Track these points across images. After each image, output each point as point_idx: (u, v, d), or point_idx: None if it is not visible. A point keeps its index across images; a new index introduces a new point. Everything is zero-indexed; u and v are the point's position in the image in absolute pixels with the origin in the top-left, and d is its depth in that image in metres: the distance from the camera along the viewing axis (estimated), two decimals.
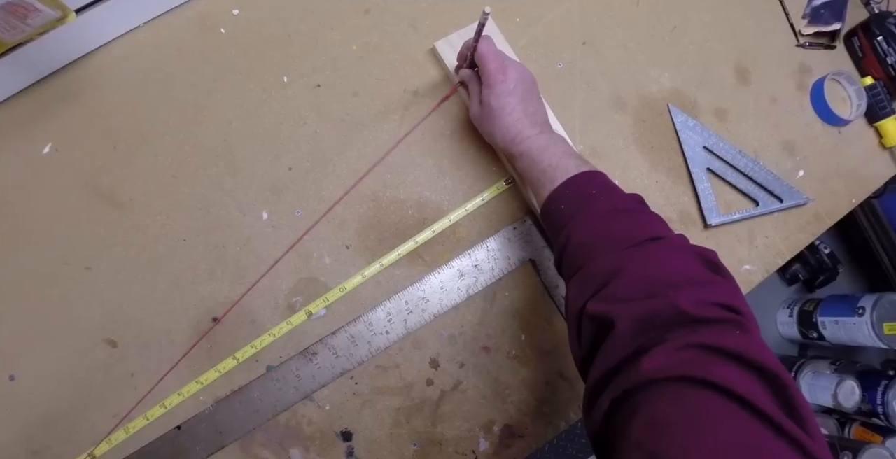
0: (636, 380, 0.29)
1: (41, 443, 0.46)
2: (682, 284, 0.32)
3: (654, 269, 0.33)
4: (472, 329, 0.50)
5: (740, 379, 0.27)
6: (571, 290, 0.36)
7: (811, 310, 1.07)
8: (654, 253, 0.34)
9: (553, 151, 0.42)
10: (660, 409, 0.27)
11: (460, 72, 0.49)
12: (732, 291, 0.33)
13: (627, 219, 0.38)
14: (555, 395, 0.50)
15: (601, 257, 0.35)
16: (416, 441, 0.48)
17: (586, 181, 0.40)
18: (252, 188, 0.51)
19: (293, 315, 0.49)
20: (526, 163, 0.43)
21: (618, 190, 0.41)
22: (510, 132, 0.44)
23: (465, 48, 0.46)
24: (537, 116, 0.45)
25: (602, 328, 0.33)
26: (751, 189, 0.54)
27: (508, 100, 0.43)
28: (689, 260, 0.34)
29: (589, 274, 0.35)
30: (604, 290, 0.34)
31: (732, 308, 0.31)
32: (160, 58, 0.52)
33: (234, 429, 0.48)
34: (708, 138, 0.54)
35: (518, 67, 0.45)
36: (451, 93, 0.50)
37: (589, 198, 0.39)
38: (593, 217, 0.38)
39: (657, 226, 0.37)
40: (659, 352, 0.29)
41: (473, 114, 0.47)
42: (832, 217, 0.56)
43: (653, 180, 0.54)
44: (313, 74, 0.53)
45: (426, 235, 0.51)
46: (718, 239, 0.54)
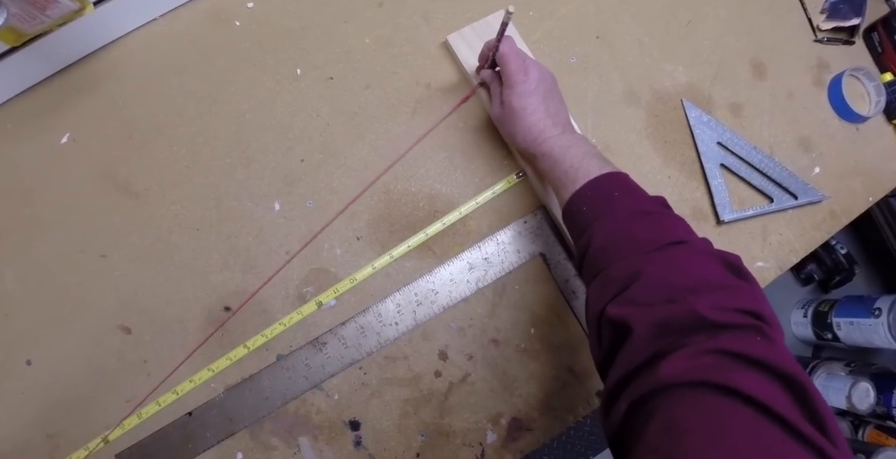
0: (654, 385, 0.29)
1: (56, 427, 0.47)
2: (703, 289, 0.31)
3: (674, 273, 0.33)
4: (482, 321, 0.50)
5: (759, 385, 0.27)
6: (592, 293, 0.36)
7: (826, 311, 1.05)
8: (675, 257, 0.34)
9: (575, 152, 0.42)
10: (677, 414, 0.27)
11: (481, 72, 0.49)
12: (755, 296, 0.32)
13: (650, 222, 0.37)
14: (563, 389, 0.50)
15: (622, 260, 0.35)
16: (424, 431, 0.49)
17: (609, 182, 0.40)
18: (265, 179, 0.52)
19: (304, 305, 0.50)
20: (548, 163, 0.43)
21: (641, 191, 0.40)
22: (532, 132, 0.44)
23: (486, 48, 0.46)
24: (559, 116, 0.44)
25: (621, 331, 0.33)
26: (765, 185, 0.54)
27: (530, 100, 0.43)
28: (710, 264, 0.33)
29: (609, 277, 0.35)
30: (623, 294, 0.33)
31: (754, 313, 0.31)
32: (175, 50, 0.53)
33: (243, 417, 0.48)
34: (722, 134, 0.54)
35: (539, 67, 0.45)
36: (470, 93, 0.50)
37: (611, 199, 0.39)
38: (615, 219, 0.38)
39: (680, 230, 0.37)
40: (678, 357, 0.29)
41: (494, 115, 0.47)
42: (848, 215, 0.56)
43: (665, 175, 0.54)
44: (326, 67, 0.54)
45: (436, 227, 0.51)
46: (731, 236, 0.54)
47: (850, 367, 1.02)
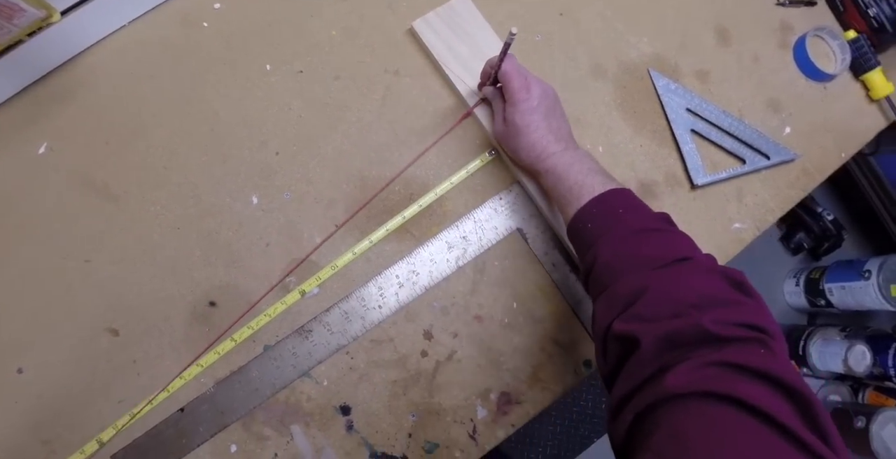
0: (660, 395, 0.29)
1: (50, 432, 0.47)
2: (707, 305, 0.32)
3: (679, 290, 0.33)
4: (464, 299, 0.50)
5: (763, 395, 0.27)
6: (598, 309, 0.36)
7: (817, 278, 1.05)
8: (680, 274, 0.34)
9: (579, 168, 0.42)
10: (682, 423, 0.27)
11: (483, 89, 0.49)
12: (759, 311, 0.32)
13: (654, 240, 0.37)
14: (550, 361, 0.50)
15: (627, 276, 0.35)
16: (415, 411, 0.48)
17: (613, 199, 0.40)
18: (241, 174, 0.51)
19: (287, 294, 0.49)
20: (551, 179, 0.43)
21: (645, 208, 0.40)
22: (535, 149, 0.44)
23: (488, 66, 0.46)
24: (561, 132, 0.44)
25: (627, 346, 0.33)
26: (736, 148, 0.53)
27: (533, 117, 0.43)
28: (715, 280, 0.34)
29: (615, 294, 0.35)
30: (629, 310, 0.34)
31: (758, 327, 0.31)
32: (147, 54, 0.52)
33: (235, 409, 0.48)
34: (690, 100, 0.54)
35: (541, 84, 0.45)
36: (471, 109, 0.50)
37: (616, 216, 0.39)
38: (620, 236, 0.38)
39: (684, 247, 0.37)
40: (683, 369, 0.29)
41: (497, 132, 0.47)
42: (822, 172, 0.55)
43: (637, 144, 0.54)
44: (295, 61, 0.54)
45: (413, 210, 0.51)
46: (707, 200, 0.54)
47: (846, 332, 1.02)
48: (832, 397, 1.00)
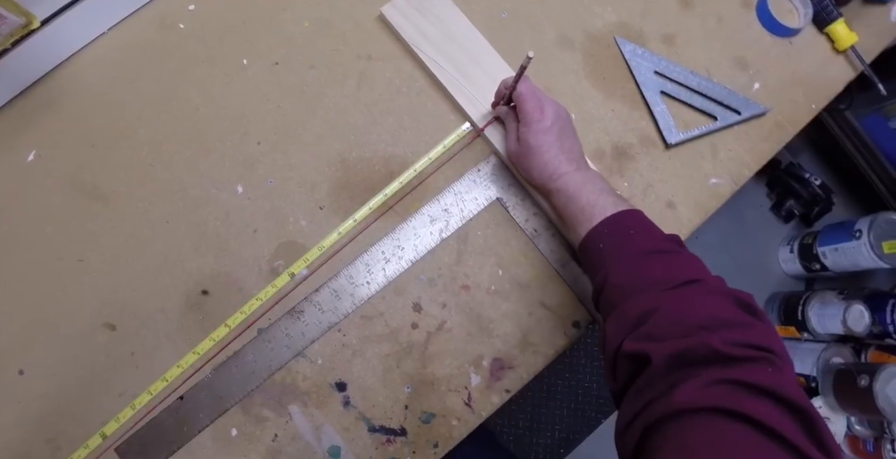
0: (668, 410, 0.29)
1: (54, 430, 0.47)
2: (716, 326, 0.32)
3: (688, 311, 0.33)
4: (450, 270, 0.50)
5: (771, 413, 0.27)
6: (609, 328, 0.37)
7: (811, 243, 1.04)
8: (689, 296, 0.35)
9: (591, 189, 0.42)
10: (690, 438, 0.28)
11: (497, 108, 0.49)
12: (767, 333, 0.33)
13: (664, 261, 0.38)
14: (539, 325, 0.50)
15: (638, 297, 0.36)
16: (409, 383, 0.48)
17: (624, 220, 0.40)
18: (225, 166, 0.52)
19: (277, 278, 0.49)
20: (562, 199, 0.43)
21: (655, 229, 0.41)
22: (547, 169, 0.44)
23: (503, 87, 0.47)
24: (573, 153, 0.45)
25: (637, 365, 0.33)
26: (707, 105, 0.53)
27: (546, 138, 0.44)
28: (724, 302, 0.34)
29: (626, 313, 0.36)
30: (640, 329, 0.34)
31: (765, 348, 0.31)
32: (127, 59, 0.53)
33: (233, 393, 0.48)
34: (658, 63, 0.54)
35: (555, 105, 0.45)
36: (485, 125, 0.50)
37: (627, 237, 0.39)
38: (631, 257, 0.38)
39: (694, 269, 0.37)
40: (692, 385, 0.29)
41: (510, 151, 0.47)
42: (794, 124, 0.55)
43: (609, 109, 0.54)
44: (270, 54, 0.54)
45: (394, 187, 0.51)
46: (682, 158, 0.53)
47: (843, 294, 1.00)
48: (835, 359, 0.99)
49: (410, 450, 0.47)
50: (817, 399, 0.97)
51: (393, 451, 0.47)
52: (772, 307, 1.09)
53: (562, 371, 1.07)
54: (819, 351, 1.00)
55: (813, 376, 0.99)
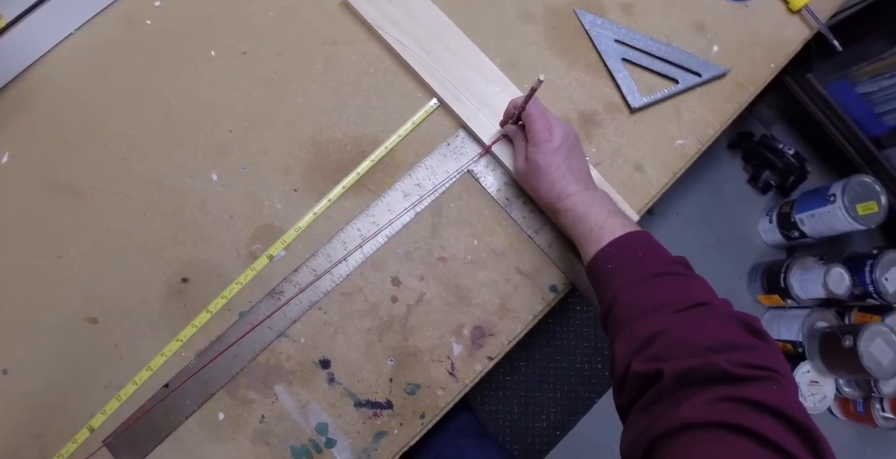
0: (675, 424, 0.29)
1: (41, 427, 0.46)
2: (723, 348, 0.32)
3: (696, 334, 0.34)
4: (426, 242, 0.50)
5: (774, 429, 0.28)
6: (618, 348, 0.37)
7: (788, 211, 1.04)
8: (697, 318, 0.35)
9: (599, 209, 0.42)
10: (695, 451, 0.28)
11: (505, 127, 0.49)
12: (771, 354, 0.33)
13: (673, 284, 0.38)
14: (516, 291, 0.49)
15: (647, 318, 0.36)
16: (392, 356, 0.48)
17: (632, 242, 0.41)
18: (198, 155, 0.51)
19: (255, 261, 0.49)
20: (570, 219, 0.43)
21: (663, 251, 0.41)
22: (555, 188, 0.44)
23: (512, 106, 0.47)
24: (581, 173, 0.45)
25: (646, 384, 0.34)
26: (668, 69, 0.54)
27: (554, 158, 0.44)
28: (730, 325, 0.35)
29: (634, 334, 0.36)
30: (648, 351, 0.34)
31: (770, 369, 0.32)
32: (96, 57, 0.53)
33: (218, 378, 0.47)
34: (618, 32, 0.54)
35: (563, 126, 0.45)
36: (492, 143, 0.50)
37: (635, 259, 0.39)
38: (640, 279, 0.38)
39: (701, 291, 0.38)
40: (698, 401, 0.30)
41: (518, 170, 0.47)
42: (755, 83, 0.55)
43: (572, 79, 0.54)
44: (238, 44, 0.54)
45: (366, 165, 0.51)
46: (647, 121, 0.54)
47: (823, 259, 1.01)
48: (819, 323, 0.99)
49: (398, 423, 0.47)
50: (805, 363, 0.98)
51: (380, 424, 0.47)
52: (754, 277, 1.10)
53: (553, 354, 1.07)
54: (803, 316, 1.00)
55: (799, 341, 1.00)
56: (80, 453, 0.46)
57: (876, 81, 0.89)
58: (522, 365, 1.06)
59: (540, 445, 1.04)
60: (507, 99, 0.52)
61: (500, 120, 0.51)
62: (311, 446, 0.46)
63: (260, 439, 0.46)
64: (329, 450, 0.46)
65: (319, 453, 0.46)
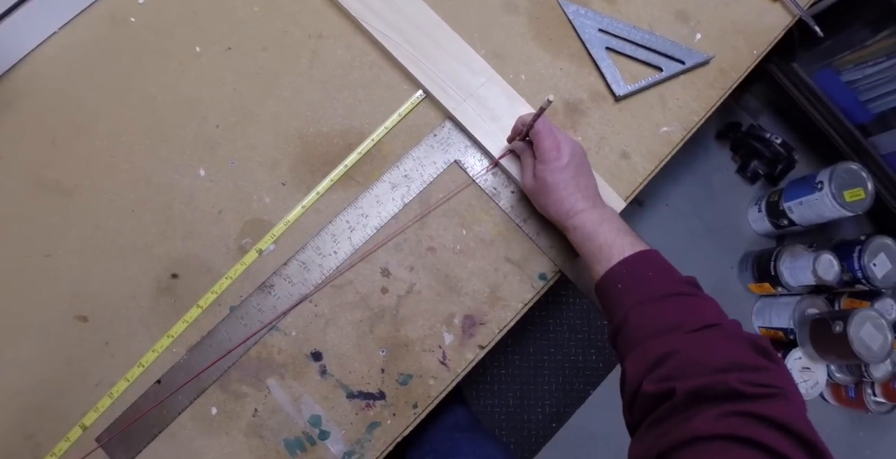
0: (685, 436, 0.30)
1: (33, 426, 0.46)
2: (733, 369, 0.33)
3: (707, 355, 0.34)
4: (415, 233, 0.50)
5: (781, 442, 0.28)
6: (629, 366, 0.37)
7: (777, 200, 1.05)
8: (708, 339, 0.36)
9: (608, 227, 0.42)
10: None
11: (513, 143, 0.49)
12: (781, 374, 0.34)
13: (683, 305, 0.38)
14: (506, 279, 0.49)
15: (658, 338, 0.36)
16: (384, 347, 0.47)
17: (642, 261, 0.41)
18: (186, 151, 0.51)
19: (245, 255, 0.49)
20: (579, 236, 0.43)
21: (673, 271, 0.41)
22: (564, 206, 0.44)
23: (520, 124, 0.47)
24: (589, 190, 0.45)
25: (657, 402, 0.34)
26: (652, 58, 0.54)
27: (563, 176, 0.44)
28: (741, 347, 0.35)
29: (645, 354, 0.36)
30: (659, 371, 0.35)
31: (779, 388, 0.32)
32: (81, 55, 0.53)
33: (210, 372, 0.47)
34: (601, 21, 0.54)
35: (571, 143, 0.45)
36: (498, 159, 0.50)
37: (645, 279, 0.40)
38: (651, 300, 0.39)
39: (711, 312, 0.38)
40: (709, 414, 0.30)
41: (526, 187, 0.47)
42: (738, 70, 0.55)
43: (557, 68, 0.54)
44: (223, 40, 0.54)
45: (353, 158, 0.51)
46: (633, 109, 0.54)
47: (812, 246, 1.02)
48: (810, 310, 1.00)
49: (391, 413, 0.47)
50: (796, 350, 0.98)
51: (373, 415, 0.47)
52: (745, 266, 1.10)
53: (547, 346, 1.07)
54: (794, 303, 1.01)
55: (790, 328, 1.00)
56: (73, 451, 0.45)
57: (860, 69, 0.90)
58: (517, 359, 1.06)
59: (536, 437, 1.04)
60: (492, 89, 0.52)
61: (490, 114, 0.51)
62: (304, 438, 0.46)
63: (253, 432, 0.46)
64: (323, 442, 0.46)
65: (313, 445, 0.46)
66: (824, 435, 0.30)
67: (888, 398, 0.98)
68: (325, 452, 0.46)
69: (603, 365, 1.06)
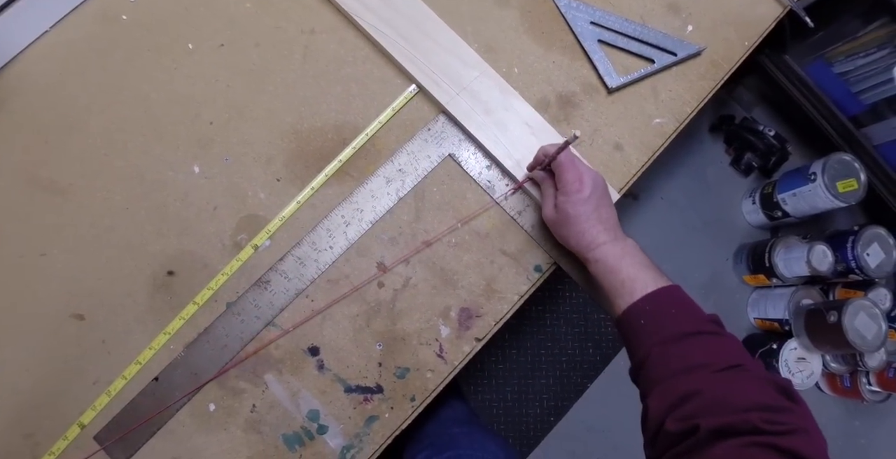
0: None
1: (31, 425, 0.45)
2: (758, 410, 0.33)
3: (732, 396, 0.34)
4: (410, 227, 0.50)
5: None
6: (651, 404, 0.37)
7: (770, 192, 1.05)
8: (732, 381, 0.36)
9: (630, 262, 0.42)
10: None
11: (533, 172, 0.49)
12: (804, 415, 0.34)
13: (707, 344, 0.39)
14: (501, 272, 0.49)
15: (682, 377, 0.37)
16: (380, 341, 0.47)
17: (666, 298, 0.41)
18: (179, 148, 0.51)
19: (241, 251, 0.49)
20: (601, 269, 0.43)
21: (696, 309, 0.41)
22: (585, 238, 0.44)
23: (542, 154, 0.46)
24: (610, 222, 0.45)
25: (680, 439, 0.34)
26: (644, 50, 0.54)
27: (584, 208, 0.43)
28: (765, 388, 0.35)
29: (670, 392, 0.36)
30: (683, 409, 0.35)
31: (802, 428, 0.33)
32: (73, 54, 0.52)
33: (208, 369, 0.47)
34: (593, 14, 0.54)
35: (593, 175, 0.45)
36: (518, 186, 0.50)
37: (669, 316, 0.40)
38: (674, 338, 0.39)
39: (735, 353, 0.38)
40: (729, 444, 0.31)
41: (547, 217, 0.46)
42: (729, 61, 0.55)
43: (550, 61, 0.54)
44: (215, 37, 0.54)
45: (348, 152, 0.51)
46: (625, 101, 0.54)
47: (807, 237, 1.02)
48: (804, 301, 1.00)
49: (388, 406, 0.47)
50: (791, 340, 0.98)
51: (371, 409, 0.47)
52: (740, 258, 1.10)
53: (544, 341, 1.07)
54: (789, 294, 1.01)
55: (785, 319, 1.01)
56: (71, 450, 0.45)
57: (851, 60, 0.90)
58: (514, 353, 1.06)
59: (535, 431, 1.04)
60: (485, 83, 0.52)
61: (484, 107, 0.51)
62: (303, 433, 0.46)
63: (252, 428, 0.46)
64: (321, 437, 0.46)
65: (312, 440, 0.46)
66: (820, 425, 0.30)
67: (883, 387, 0.98)
68: (323, 446, 0.46)
69: (600, 358, 1.06)
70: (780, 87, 0.98)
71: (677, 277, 0.42)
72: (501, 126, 0.51)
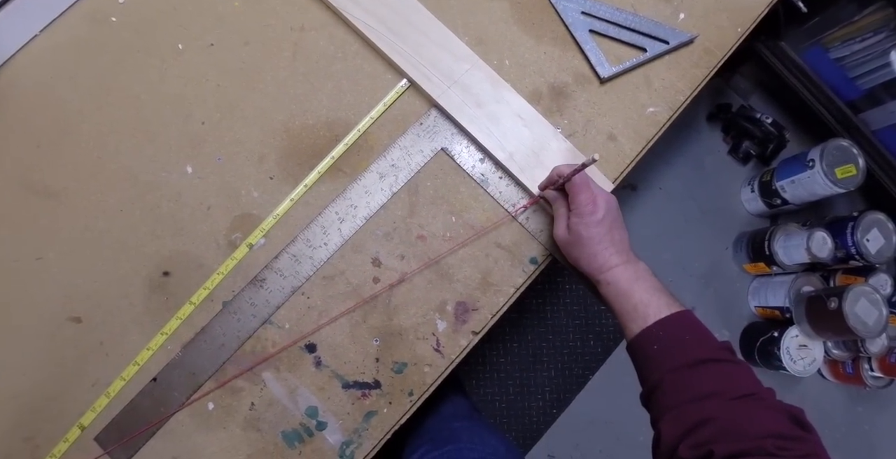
0: None
1: (31, 428, 0.46)
2: (771, 438, 0.33)
3: (745, 424, 0.35)
4: (404, 222, 0.49)
5: None
6: (664, 429, 0.37)
7: (769, 179, 1.04)
8: (745, 410, 0.36)
9: (643, 285, 0.42)
10: None
11: (546, 192, 0.48)
12: (816, 443, 0.35)
13: (720, 372, 0.39)
14: (496, 265, 0.49)
15: (695, 404, 0.37)
16: (377, 336, 0.47)
17: (679, 323, 0.40)
18: (172, 148, 0.51)
19: (235, 250, 0.48)
20: (612, 292, 0.43)
21: (709, 335, 0.41)
22: (597, 260, 0.43)
23: (556, 175, 0.46)
24: (623, 244, 0.44)
25: None
26: (635, 39, 0.53)
27: (598, 230, 0.43)
28: (778, 417, 0.35)
29: (683, 419, 0.36)
30: (695, 437, 0.35)
31: (816, 455, 0.33)
32: (62, 57, 0.52)
33: (205, 368, 0.47)
34: (584, 4, 0.54)
35: (605, 196, 0.44)
36: (529, 203, 0.49)
37: (682, 343, 0.40)
38: (687, 365, 0.39)
39: (748, 380, 0.39)
40: None
41: (559, 238, 0.46)
42: (722, 48, 0.55)
43: (541, 52, 0.54)
44: (204, 36, 0.53)
45: (340, 149, 0.50)
46: (618, 91, 0.53)
47: (806, 224, 1.01)
48: (805, 288, 1.00)
49: (387, 401, 0.46)
50: (793, 328, 0.98)
51: (369, 404, 0.46)
52: (740, 246, 1.10)
53: (545, 333, 1.07)
54: (789, 282, 1.01)
55: (786, 307, 1.00)
56: (72, 452, 0.45)
57: (848, 46, 0.89)
58: (515, 347, 1.06)
59: (537, 424, 1.04)
60: (476, 76, 0.51)
61: (475, 100, 0.50)
62: (302, 430, 0.46)
63: (251, 426, 0.46)
64: (320, 433, 0.46)
65: (311, 436, 0.46)
66: (823, 412, 0.30)
67: (885, 372, 0.98)
68: (323, 442, 0.46)
69: (602, 349, 1.06)
70: (776, 74, 0.97)
71: (677, 267, 0.41)
72: (493, 118, 0.50)
